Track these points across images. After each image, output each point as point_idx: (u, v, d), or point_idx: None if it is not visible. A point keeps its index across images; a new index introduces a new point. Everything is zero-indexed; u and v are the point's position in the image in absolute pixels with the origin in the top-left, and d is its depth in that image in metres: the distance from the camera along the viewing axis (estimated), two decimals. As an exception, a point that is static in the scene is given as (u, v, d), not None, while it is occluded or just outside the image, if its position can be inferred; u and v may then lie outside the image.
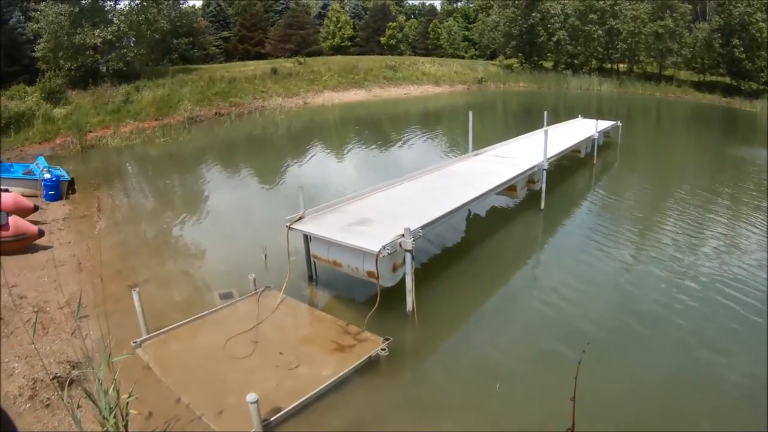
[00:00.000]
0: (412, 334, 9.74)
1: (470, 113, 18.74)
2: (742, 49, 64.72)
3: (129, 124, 37.71)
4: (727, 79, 69.87)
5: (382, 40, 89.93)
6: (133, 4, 51.46)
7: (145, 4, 51.17)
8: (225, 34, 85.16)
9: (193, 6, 77.75)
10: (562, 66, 75.72)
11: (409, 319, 9.91)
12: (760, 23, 64.49)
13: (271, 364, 8.61)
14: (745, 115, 53.50)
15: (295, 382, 8.12)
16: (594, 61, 76.22)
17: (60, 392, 7.57)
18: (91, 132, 34.39)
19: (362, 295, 10.75)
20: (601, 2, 72.73)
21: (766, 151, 29.71)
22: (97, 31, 45.47)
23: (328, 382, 7.95)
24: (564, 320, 10.16)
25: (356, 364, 8.42)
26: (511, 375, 8.62)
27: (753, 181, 22.41)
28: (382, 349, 8.77)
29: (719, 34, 66.57)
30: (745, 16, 64.49)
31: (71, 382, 7.86)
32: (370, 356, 8.64)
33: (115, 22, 48.49)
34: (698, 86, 68.51)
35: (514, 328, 10.09)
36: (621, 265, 12.87)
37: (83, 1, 47.93)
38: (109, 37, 46.35)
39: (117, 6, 51.52)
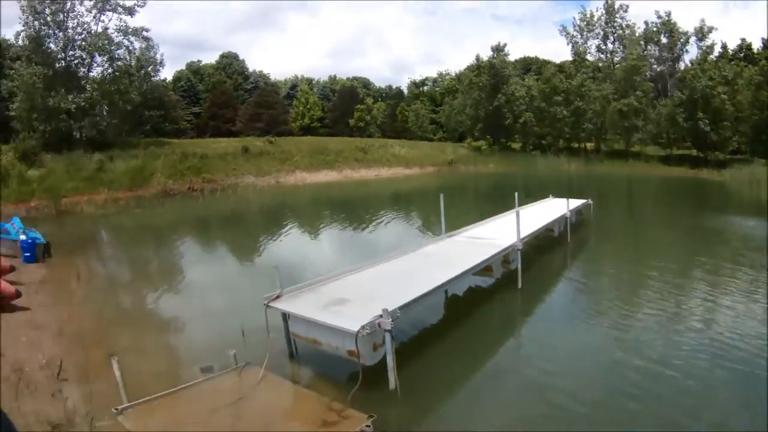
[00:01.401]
0: (396, 411, 9.71)
1: (441, 196, 19.08)
2: (707, 121, 66.74)
3: (103, 193, 38.10)
4: (694, 152, 71.84)
5: (351, 121, 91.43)
6: (105, 74, 51.97)
7: (117, 74, 51.68)
8: (196, 109, 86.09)
9: (164, 80, 78.74)
10: (530, 147, 77.22)
11: (393, 396, 9.89)
12: (722, 95, 66.80)
13: (253, 440, 8.47)
14: (713, 184, 55.17)
15: (278, 458, 8.01)
16: (561, 141, 77.86)
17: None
18: (66, 197, 34.66)
19: (345, 372, 10.69)
20: (565, 84, 74.65)
21: (738, 219, 30.69)
22: (70, 97, 45.81)
23: (313, 459, 7.78)
24: (544, 398, 10.11)
25: (340, 440, 8.26)
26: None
27: (727, 250, 23.03)
28: (367, 426, 8.66)
29: (682, 109, 68.65)
30: (707, 89, 66.74)
31: (50, 442, 7.61)
32: (354, 433, 8.56)
33: (88, 89, 48.86)
34: (666, 160, 70.34)
35: (496, 404, 10.08)
36: (601, 342, 12.94)
37: (57, 65, 48.35)
38: (82, 103, 46.69)
39: (90, 74, 52.04)
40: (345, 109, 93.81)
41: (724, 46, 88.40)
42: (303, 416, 9.33)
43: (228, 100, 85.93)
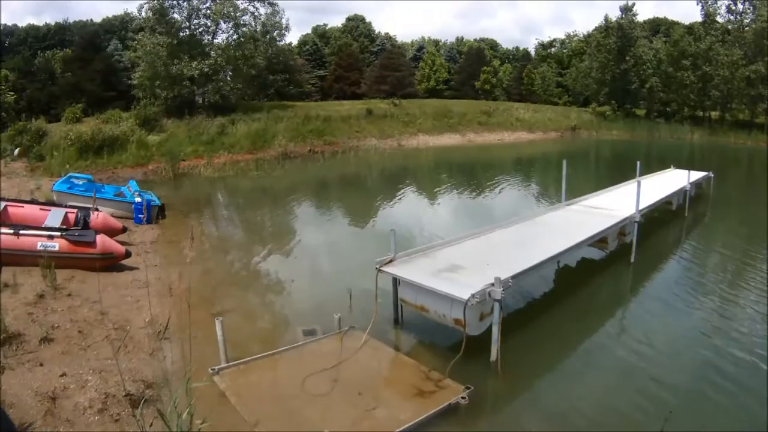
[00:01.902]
0: (494, 384, 9.63)
1: (564, 163, 18.66)
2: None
3: (223, 156, 39.16)
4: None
5: (477, 84, 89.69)
6: (230, 40, 53.07)
7: (242, 40, 52.64)
8: (321, 72, 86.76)
9: (290, 44, 79.68)
10: (655, 114, 74.16)
11: (493, 369, 9.80)
12: None
13: (349, 404, 8.65)
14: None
15: (371, 423, 8.15)
16: (686, 109, 74.30)
17: (132, 410, 7.82)
18: (184, 160, 35.83)
19: (447, 342, 10.70)
20: (693, 47, 70.80)
21: None
22: (194, 63, 47.16)
23: (405, 426, 7.87)
24: (649, 378, 9.72)
25: (435, 410, 8.32)
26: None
27: None
28: (463, 398, 8.68)
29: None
30: None
31: (144, 401, 7.98)
32: (449, 404, 8.54)
33: (212, 55, 50.23)
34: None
35: (597, 386, 9.79)
36: (702, 331, 12.09)
37: (181, 34, 49.77)
38: (205, 69, 47.98)
39: (215, 41, 53.36)
40: (471, 71, 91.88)
41: None
42: (399, 384, 9.40)
43: (353, 63, 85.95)
